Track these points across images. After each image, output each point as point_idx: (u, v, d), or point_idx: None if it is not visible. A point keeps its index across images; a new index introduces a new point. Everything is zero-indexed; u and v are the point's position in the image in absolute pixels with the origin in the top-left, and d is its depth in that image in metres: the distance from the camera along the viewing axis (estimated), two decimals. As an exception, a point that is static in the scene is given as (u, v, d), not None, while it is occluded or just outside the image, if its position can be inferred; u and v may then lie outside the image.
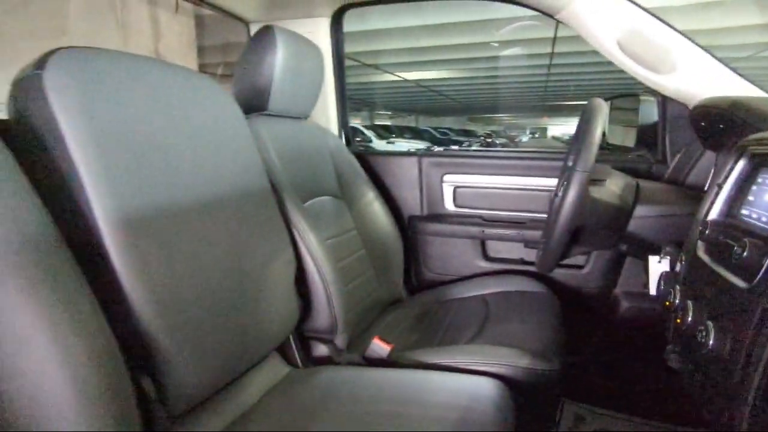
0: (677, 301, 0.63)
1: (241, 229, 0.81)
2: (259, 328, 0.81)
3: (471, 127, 30.09)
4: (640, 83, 1.20)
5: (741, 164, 0.61)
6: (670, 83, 1.13)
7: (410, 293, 1.46)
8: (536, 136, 33.00)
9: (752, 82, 1.05)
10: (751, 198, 0.58)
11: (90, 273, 0.55)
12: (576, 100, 19.68)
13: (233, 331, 0.75)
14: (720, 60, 1.06)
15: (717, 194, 0.64)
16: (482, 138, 19.21)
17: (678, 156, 1.26)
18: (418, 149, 1.64)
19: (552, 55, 9.23)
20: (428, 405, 0.76)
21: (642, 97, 1.43)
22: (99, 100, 0.62)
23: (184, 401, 0.66)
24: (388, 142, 12.25)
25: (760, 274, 0.46)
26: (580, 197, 0.84)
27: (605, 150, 1.62)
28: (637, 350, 1.30)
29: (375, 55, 9.59)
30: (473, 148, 13.18)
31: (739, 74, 1.06)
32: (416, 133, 16.17)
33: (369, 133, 12.30)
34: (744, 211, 0.58)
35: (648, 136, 1.40)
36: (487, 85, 15.33)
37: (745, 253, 0.48)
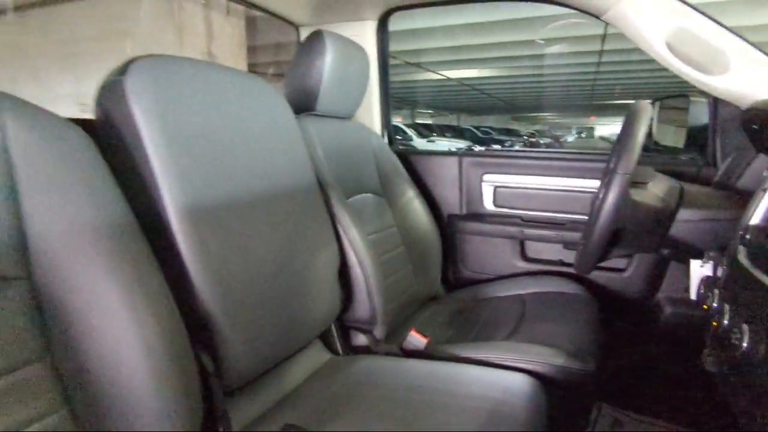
0: (715, 305, 0.63)
1: (290, 223, 0.86)
2: (304, 316, 0.87)
3: (514, 126, 29.49)
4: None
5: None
6: (722, 84, 1.10)
7: (447, 290, 1.49)
8: (583, 136, 31.90)
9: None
10: None
11: (159, 257, 0.62)
12: (625, 99, 18.89)
13: (281, 317, 0.81)
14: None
15: (761, 199, 0.64)
16: (525, 137, 18.80)
17: (728, 160, 1.22)
18: (459, 149, 1.66)
19: (601, 52, 8.93)
20: (461, 396, 0.79)
21: (693, 98, 1.40)
22: (171, 103, 0.69)
23: (237, 378, 0.72)
24: (429, 141, 12.22)
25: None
26: (620, 199, 0.84)
27: (653, 151, 1.59)
28: (677, 357, 1.27)
29: (417, 54, 9.60)
30: (515, 147, 12.92)
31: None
32: (458, 132, 16.04)
33: (410, 132, 12.32)
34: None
35: (698, 139, 1.36)
36: (531, 84, 15.00)
37: None
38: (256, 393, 0.81)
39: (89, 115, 0.60)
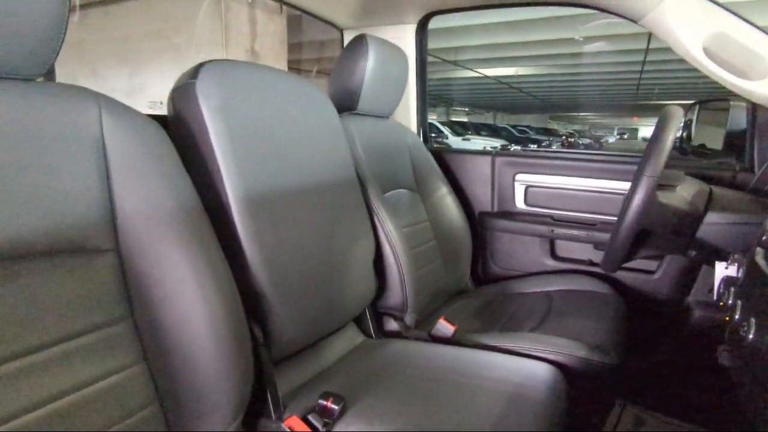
0: (730, 302, 0.66)
1: (332, 214, 0.94)
2: (342, 299, 0.95)
3: (552, 125, 28.87)
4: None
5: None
6: (760, 89, 1.10)
7: (476, 285, 1.54)
8: (625, 137, 30.85)
9: None
10: None
11: (220, 238, 0.71)
12: (671, 100, 18.17)
13: (322, 298, 0.89)
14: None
15: (784, 203, 0.67)
16: (564, 137, 18.36)
17: (766, 165, 1.22)
18: (494, 148, 1.70)
19: (647, 51, 8.65)
20: (485, 379, 0.85)
21: (732, 103, 1.39)
22: (234, 104, 0.78)
23: (283, 349, 0.81)
24: (464, 139, 12.15)
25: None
26: (646, 201, 0.87)
27: (690, 154, 1.58)
28: (704, 359, 1.28)
29: (454, 51, 9.56)
30: (553, 148, 12.66)
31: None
32: (493, 131, 15.85)
33: (445, 130, 12.28)
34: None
35: (736, 143, 1.36)
36: (570, 82, 14.65)
37: None
38: (298, 365, 0.89)
39: (131, 103, 0.68)
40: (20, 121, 0.55)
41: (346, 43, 1.54)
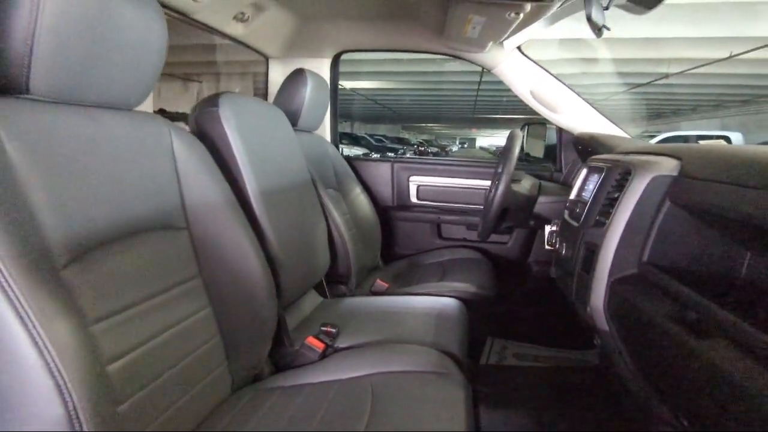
0: (554, 241, 1.20)
1: (302, 204, 1.28)
2: (313, 267, 1.29)
3: (404, 135, 31.24)
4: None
5: (584, 170, 1.20)
6: (561, 119, 1.75)
7: (385, 263, 1.98)
8: (465, 146, 34.97)
9: (608, 117, 1.68)
10: (586, 186, 1.15)
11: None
12: (502, 114, 21.29)
13: (304, 264, 1.22)
14: (589, 103, 1.69)
15: (574, 187, 1.23)
16: (416, 146, 20.15)
17: (568, 167, 1.88)
18: (356, 155, 2.15)
19: (482, 73, 10.23)
20: (415, 309, 1.27)
21: (548, 125, 2.07)
22: (245, 124, 1.08)
23: (285, 297, 1.12)
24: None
25: (582, 218, 1.03)
26: (506, 189, 1.40)
27: (525, 161, 2.25)
28: (543, 298, 1.90)
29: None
30: (407, 155, 13.88)
31: (600, 113, 1.69)
32: (354, 140, 16.65)
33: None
34: (584, 194, 1.16)
35: (551, 153, 2.04)
36: (420, 97, 16.24)
37: (577, 209, 1.06)
38: (291, 311, 1.21)
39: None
40: (134, 138, 0.79)
41: (271, 70, 1.86)
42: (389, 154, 13.42)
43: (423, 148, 19.52)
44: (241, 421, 0.84)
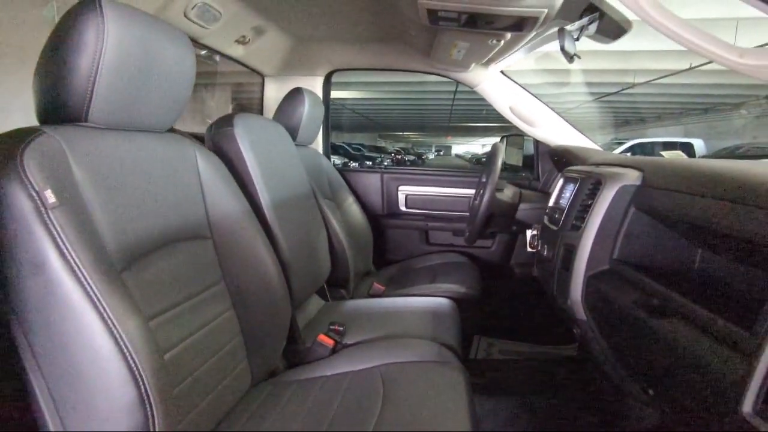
0: (536, 243, 1.34)
1: (306, 213, 1.38)
2: (317, 272, 1.39)
3: (381, 143, 31.49)
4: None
5: (560, 180, 1.35)
6: (538, 133, 1.90)
7: (377, 268, 2.09)
8: (441, 153, 35.46)
9: (580, 131, 1.85)
10: (563, 194, 1.30)
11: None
12: (476, 122, 21.74)
13: (310, 269, 1.32)
14: (563, 118, 1.85)
15: (552, 195, 1.37)
16: (393, 154, 20.33)
17: (545, 176, 2.04)
18: (335, 164, 2.24)
19: (457, 84, 10.49)
20: (411, 307, 1.39)
21: (525, 137, 2.23)
22: (257, 141, 1.18)
23: (296, 299, 1.22)
24: (306, 157, 12.59)
25: (560, 222, 1.17)
26: (491, 197, 1.53)
27: (505, 170, 2.40)
28: (525, 297, 2.05)
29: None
30: (385, 164, 14.06)
31: (572, 126, 1.85)
32: (333, 149, 16.64)
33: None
34: (561, 202, 1.30)
35: (529, 163, 2.19)
36: (398, 105, 16.48)
37: (556, 215, 1.20)
38: (299, 313, 1.31)
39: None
40: (166, 158, 0.88)
41: (267, 87, 1.97)
42: (367, 163, 13.54)
43: (400, 156, 19.71)
44: (264, 411, 0.94)
